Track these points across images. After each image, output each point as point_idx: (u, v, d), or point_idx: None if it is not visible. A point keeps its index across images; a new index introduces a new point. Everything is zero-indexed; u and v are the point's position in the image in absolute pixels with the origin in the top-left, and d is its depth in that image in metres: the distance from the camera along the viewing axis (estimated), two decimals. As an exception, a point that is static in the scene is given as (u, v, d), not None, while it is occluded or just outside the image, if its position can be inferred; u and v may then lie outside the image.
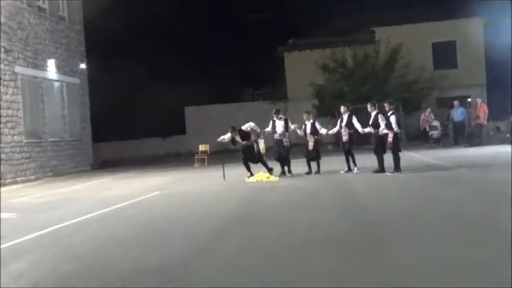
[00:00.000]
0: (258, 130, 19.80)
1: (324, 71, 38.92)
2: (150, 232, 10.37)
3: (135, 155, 41.42)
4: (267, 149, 20.36)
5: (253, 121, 19.88)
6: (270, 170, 19.47)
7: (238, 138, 19.67)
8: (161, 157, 40.97)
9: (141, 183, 21.11)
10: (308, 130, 19.75)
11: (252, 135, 19.77)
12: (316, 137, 19.77)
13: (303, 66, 41.37)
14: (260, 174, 19.08)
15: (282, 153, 19.74)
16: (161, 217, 12.18)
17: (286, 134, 19.87)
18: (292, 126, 20.00)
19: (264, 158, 19.92)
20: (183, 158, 36.80)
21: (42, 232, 10.93)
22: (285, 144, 19.75)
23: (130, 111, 45.16)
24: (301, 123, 20.03)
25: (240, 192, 15.74)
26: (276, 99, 42.69)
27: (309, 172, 19.63)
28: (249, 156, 19.70)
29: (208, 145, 30.14)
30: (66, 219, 12.41)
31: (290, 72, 44.93)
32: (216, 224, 10.56)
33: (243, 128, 19.62)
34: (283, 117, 20.15)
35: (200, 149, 30.91)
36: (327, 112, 36.48)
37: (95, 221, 12.24)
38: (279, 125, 19.76)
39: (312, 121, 19.94)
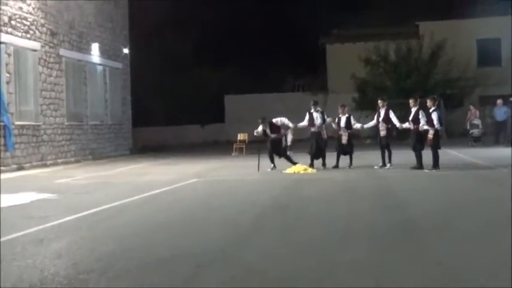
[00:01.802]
0: (291, 125, 19.81)
1: (366, 64, 38.74)
2: (188, 218, 10.49)
3: (173, 141, 41.73)
4: (300, 140, 20.35)
5: (292, 112, 19.92)
6: (294, 164, 19.46)
7: (268, 131, 19.71)
8: (199, 144, 41.19)
9: (180, 170, 21.30)
10: (342, 124, 19.71)
11: (281, 129, 19.86)
12: (349, 131, 19.77)
13: (344, 59, 41.25)
14: (297, 166, 19.06)
15: (321, 146, 19.72)
16: (199, 204, 12.29)
17: (323, 126, 19.86)
18: (327, 119, 19.99)
19: (289, 153, 19.99)
20: (221, 146, 36.95)
21: (83, 214, 11.13)
22: (323, 137, 19.76)
23: (171, 97, 45.51)
24: (335, 117, 20.02)
25: (278, 183, 15.79)
26: (316, 91, 42.64)
27: (337, 166, 19.54)
28: (276, 150, 19.78)
29: (246, 134, 30.23)
30: (105, 202, 12.62)
31: (331, 64, 44.87)
32: (255, 214, 10.63)
33: (274, 121, 19.72)
34: (320, 110, 20.11)
35: (239, 138, 31.04)
36: (367, 106, 36.30)
37: (134, 205, 12.42)
38: (317, 117, 19.66)
39: (347, 115, 19.89)
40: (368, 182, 15.59)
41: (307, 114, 19.89)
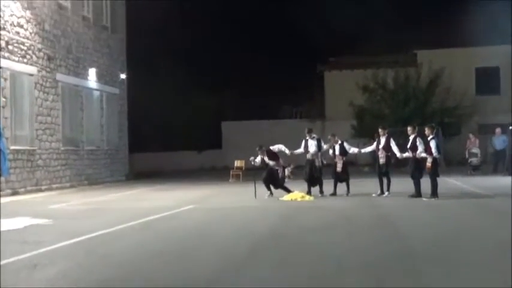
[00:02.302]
0: (287, 152, 19.75)
1: (364, 92, 38.91)
2: (184, 246, 10.44)
3: (169, 167, 41.77)
4: (297, 167, 20.29)
5: (290, 140, 19.93)
6: (289, 192, 19.35)
7: (266, 159, 19.73)
8: (196, 171, 41.21)
9: (176, 196, 21.30)
10: (337, 151, 19.77)
11: (280, 158, 19.88)
12: (345, 158, 19.82)
13: (342, 86, 41.47)
14: (295, 194, 19.02)
15: (314, 174, 19.66)
16: (196, 231, 12.26)
17: (319, 154, 19.82)
18: (324, 146, 19.99)
19: (286, 180, 19.90)
20: (218, 173, 36.96)
21: (78, 239, 11.10)
22: (317, 164, 19.68)
23: (168, 123, 45.58)
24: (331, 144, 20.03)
25: (275, 211, 15.76)
26: (313, 118, 42.76)
27: (334, 193, 19.54)
28: (272, 180, 19.75)
29: (243, 161, 30.21)
30: (101, 228, 12.58)
31: (329, 91, 45.07)
32: (250, 243, 10.58)
33: (271, 148, 19.77)
34: (316, 137, 20.10)
35: (236, 165, 31.04)
36: (365, 133, 36.34)
37: (129, 231, 12.39)
38: (312, 145, 19.68)
39: (340, 142, 19.91)
40: (366, 210, 15.57)
41: (303, 141, 19.94)
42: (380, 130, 19.57)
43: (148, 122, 44.74)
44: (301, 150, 19.92)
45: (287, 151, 19.82)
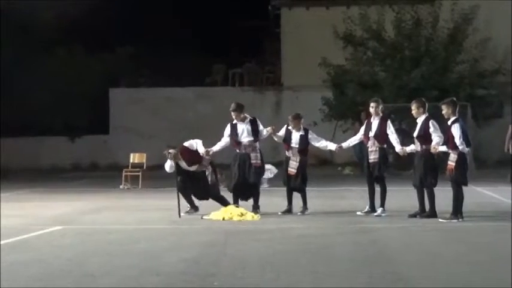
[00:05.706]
0: (202, 151, 19.54)
1: (347, 43, 38.96)
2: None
3: (23, 163, 41.39)
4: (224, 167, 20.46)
5: (224, 120, 19.86)
6: (226, 205, 19.36)
7: (183, 164, 19.67)
8: (66, 169, 41.00)
9: (32, 211, 21.32)
10: (295, 143, 19.64)
11: (204, 156, 19.90)
12: (303, 156, 19.73)
13: (311, 33, 41.56)
14: (230, 209, 18.99)
15: (249, 178, 19.55)
16: (65, 270, 12.14)
17: (257, 145, 19.76)
18: (264, 131, 19.79)
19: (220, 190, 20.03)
20: (102, 173, 36.85)
21: None
22: (253, 162, 19.56)
23: (19, 90, 44.81)
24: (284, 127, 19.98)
25: (198, 238, 15.79)
26: (262, 86, 42.82)
27: (289, 210, 19.68)
28: (197, 188, 19.75)
29: (144, 155, 30.11)
30: None
31: (289, 41, 45.10)
32: None
33: (187, 145, 19.73)
34: (249, 118, 19.80)
35: (132, 160, 30.89)
36: (346, 112, 36.50)
37: None
38: (243, 131, 19.59)
39: (302, 131, 19.72)
40: (345, 238, 15.64)
41: (228, 126, 19.80)
42: (373, 106, 19.37)
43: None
44: (225, 142, 19.82)
45: (202, 149, 19.61)
